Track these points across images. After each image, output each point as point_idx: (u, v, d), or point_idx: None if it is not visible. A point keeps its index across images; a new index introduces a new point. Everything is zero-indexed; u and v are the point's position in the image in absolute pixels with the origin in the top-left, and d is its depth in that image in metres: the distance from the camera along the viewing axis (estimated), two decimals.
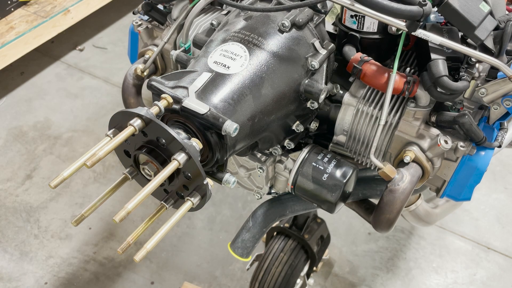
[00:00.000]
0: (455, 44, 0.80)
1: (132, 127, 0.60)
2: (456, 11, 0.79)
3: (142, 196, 0.57)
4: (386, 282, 1.90)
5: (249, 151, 0.89)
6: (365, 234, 2.04)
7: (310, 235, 1.52)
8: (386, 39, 0.93)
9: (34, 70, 2.83)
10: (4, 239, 2.02)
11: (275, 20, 0.84)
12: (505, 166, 2.31)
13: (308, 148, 0.92)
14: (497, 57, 0.85)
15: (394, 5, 0.74)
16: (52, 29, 2.60)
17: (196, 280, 1.90)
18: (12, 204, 2.14)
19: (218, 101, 0.72)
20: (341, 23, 0.94)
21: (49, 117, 2.54)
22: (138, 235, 0.62)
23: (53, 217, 2.09)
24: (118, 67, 2.85)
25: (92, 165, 0.57)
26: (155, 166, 0.66)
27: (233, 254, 1.19)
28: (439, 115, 0.89)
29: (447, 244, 2.02)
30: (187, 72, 0.76)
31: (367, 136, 0.92)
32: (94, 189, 2.20)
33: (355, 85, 0.93)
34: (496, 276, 1.92)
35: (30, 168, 2.29)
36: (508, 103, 0.86)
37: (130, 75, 1.13)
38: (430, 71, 0.82)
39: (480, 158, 0.91)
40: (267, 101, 0.78)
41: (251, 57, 0.78)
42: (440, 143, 0.87)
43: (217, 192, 2.20)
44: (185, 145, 0.61)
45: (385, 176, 0.87)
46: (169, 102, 0.67)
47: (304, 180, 0.90)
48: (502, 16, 0.90)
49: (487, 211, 2.14)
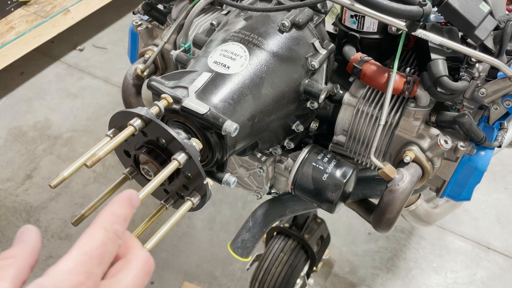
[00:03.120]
0: (455, 44, 0.80)
1: (132, 127, 0.60)
2: (456, 11, 0.79)
3: (142, 196, 0.57)
4: (386, 282, 1.90)
5: (249, 151, 0.89)
6: (365, 234, 2.04)
7: (310, 235, 1.52)
8: (386, 39, 0.93)
9: (34, 70, 2.83)
10: (4, 239, 2.02)
11: (275, 20, 0.84)
12: (505, 166, 2.31)
13: (308, 148, 0.92)
14: (497, 57, 0.85)
15: (394, 5, 0.74)
16: (52, 29, 2.60)
17: (196, 280, 1.90)
18: (12, 204, 2.14)
19: (218, 101, 0.72)
20: (341, 23, 0.94)
21: (49, 117, 2.54)
22: (138, 235, 0.61)
23: (53, 217, 2.09)
24: (118, 67, 2.85)
25: (92, 165, 0.57)
26: (155, 166, 0.66)
27: (233, 254, 1.20)
28: (439, 115, 0.89)
29: (447, 244, 2.02)
30: (187, 72, 0.76)
31: (367, 136, 0.92)
32: (94, 189, 2.20)
33: (355, 85, 0.93)
34: (496, 276, 1.92)
35: (30, 168, 2.29)
36: (508, 103, 0.86)
37: (130, 75, 1.13)
38: (430, 71, 0.82)
39: (480, 158, 0.91)
40: (267, 101, 0.78)
41: (251, 57, 0.78)
42: (440, 143, 0.87)
43: (217, 192, 2.20)
44: (185, 145, 0.61)
45: (385, 176, 0.87)
46: (169, 102, 0.67)
47: (304, 180, 0.90)
48: (502, 16, 0.89)
49: (487, 211, 2.14)
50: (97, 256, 0.39)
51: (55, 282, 0.37)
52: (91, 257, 0.39)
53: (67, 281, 0.37)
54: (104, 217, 0.43)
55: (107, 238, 0.41)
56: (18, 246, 0.42)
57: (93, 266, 0.39)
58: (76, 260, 0.38)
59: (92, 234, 0.41)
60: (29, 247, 0.42)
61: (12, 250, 0.41)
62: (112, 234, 0.42)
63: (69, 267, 0.38)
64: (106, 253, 0.40)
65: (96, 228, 0.41)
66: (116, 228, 0.42)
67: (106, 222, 0.42)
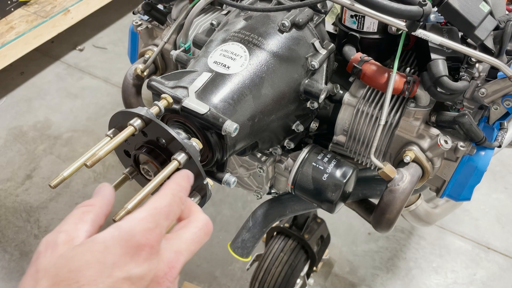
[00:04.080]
0: (455, 44, 0.80)
1: (132, 127, 0.60)
2: (456, 11, 0.79)
3: (142, 196, 0.57)
4: (386, 282, 1.90)
5: (249, 151, 0.89)
6: (365, 234, 2.04)
7: (310, 235, 1.52)
8: (386, 39, 0.93)
9: (34, 70, 2.83)
10: (4, 239, 2.02)
11: (275, 20, 0.84)
12: (505, 166, 2.31)
13: (308, 148, 0.92)
14: (497, 57, 0.85)
15: (394, 5, 0.74)
16: (52, 29, 2.60)
17: (196, 280, 1.90)
18: (12, 204, 2.14)
19: (218, 101, 0.72)
20: (341, 23, 0.94)
21: (49, 117, 2.54)
22: None
23: (53, 217, 2.09)
24: (118, 67, 2.85)
25: (92, 165, 0.57)
26: (155, 166, 0.66)
27: (233, 254, 1.20)
28: (439, 115, 0.89)
29: (447, 244, 2.02)
30: (187, 72, 0.76)
31: (367, 136, 0.92)
32: (94, 189, 2.19)
33: (355, 85, 0.93)
34: (496, 276, 1.92)
35: (30, 168, 2.29)
36: (508, 103, 0.86)
37: (130, 75, 1.13)
38: (430, 71, 0.82)
39: (480, 158, 0.91)
40: (267, 101, 0.78)
41: (251, 57, 0.78)
42: (440, 143, 0.87)
43: (217, 192, 2.20)
44: (185, 145, 0.61)
45: (385, 176, 0.87)
46: (169, 102, 0.67)
47: (304, 180, 0.90)
48: (502, 16, 0.90)
49: (487, 211, 2.14)
50: (165, 212, 0.49)
51: (130, 225, 0.46)
52: (160, 212, 0.48)
53: (139, 225, 0.46)
54: (172, 185, 0.53)
55: (173, 201, 0.50)
56: (96, 197, 0.52)
57: (161, 219, 0.48)
58: (147, 212, 0.48)
59: (161, 196, 0.50)
60: (105, 199, 0.52)
61: (91, 200, 0.51)
62: (177, 198, 0.51)
63: (142, 216, 0.47)
64: (171, 212, 0.50)
65: (166, 192, 0.51)
66: (180, 195, 0.52)
67: (174, 190, 0.52)
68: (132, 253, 0.44)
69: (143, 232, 0.46)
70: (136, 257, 0.44)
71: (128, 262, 0.43)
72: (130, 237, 0.45)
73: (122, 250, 0.44)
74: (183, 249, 0.50)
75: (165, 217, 0.49)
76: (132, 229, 0.45)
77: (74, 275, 0.41)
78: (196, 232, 0.52)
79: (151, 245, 0.45)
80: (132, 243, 0.44)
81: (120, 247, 0.44)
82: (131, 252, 0.44)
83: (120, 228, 0.45)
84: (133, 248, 0.44)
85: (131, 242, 0.44)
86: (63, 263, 0.43)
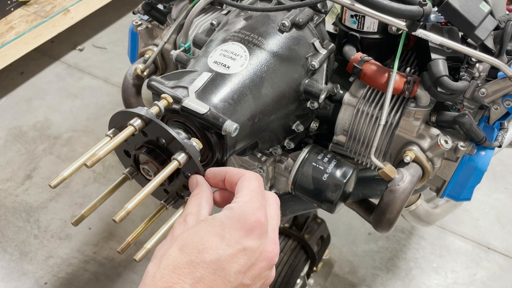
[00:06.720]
0: (455, 44, 0.80)
1: (132, 127, 0.60)
2: (456, 11, 0.79)
3: (142, 196, 0.57)
4: (386, 282, 1.90)
5: (249, 151, 0.89)
6: (365, 234, 2.04)
7: (310, 235, 1.52)
8: (386, 39, 0.93)
9: (34, 70, 2.83)
10: (4, 239, 2.01)
11: (275, 20, 0.84)
12: (505, 166, 2.31)
13: (308, 148, 0.92)
14: (497, 57, 0.85)
15: (394, 5, 0.74)
16: (52, 29, 2.60)
17: None
18: (12, 204, 2.14)
19: (218, 101, 0.72)
20: (341, 23, 0.94)
21: (49, 117, 2.54)
22: (138, 235, 0.61)
23: (53, 217, 2.09)
24: (118, 67, 2.85)
25: (92, 165, 0.57)
26: (155, 166, 0.65)
27: None
28: (439, 115, 0.89)
29: (447, 244, 2.02)
30: (187, 72, 0.76)
31: (367, 136, 0.92)
32: (94, 189, 2.20)
33: (355, 85, 0.93)
34: (496, 276, 1.92)
35: (30, 168, 2.29)
36: (508, 103, 0.86)
37: (130, 75, 1.13)
38: (430, 71, 0.82)
39: (480, 158, 0.91)
40: (267, 101, 0.78)
41: (251, 57, 0.78)
42: (440, 143, 0.87)
43: None
44: (185, 145, 0.61)
45: (385, 176, 0.87)
46: (169, 102, 0.67)
47: (304, 180, 0.90)
48: (502, 16, 0.89)
49: (487, 211, 2.14)
50: (260, 192, 0.59)
51: (239, 206, 0.56)
52: (258, 193, 0.58)
53: (249, 207, 0.56)
54: (248, 173, 0.61)
55: (260, 181, 0.60)
56: (196, 189, 0.61)
57: (261, 198, 0.58)
58: (249, 195, 0.57)
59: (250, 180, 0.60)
60: (204, 184, 0.62)
61: (195, 190, 0.61)
62: (260, 179, 0.61)
63: (247, 199, 0.57)
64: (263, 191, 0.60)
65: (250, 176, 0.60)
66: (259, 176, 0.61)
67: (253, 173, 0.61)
68: (246, 229, 0.54)
69: (253, 211, 0.55)
70: (250, 233, 0.54)
71: (243, 237, 0.53)
72: (242, 216, 0.54)
73: (237, 226, 0.54)
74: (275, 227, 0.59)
75: (262, 196, 0.59)
76: (242, 210, 0.55)
77: (199, 239, 0.52)
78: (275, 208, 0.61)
79: (262, 222, 0.55)
80: (246, 221, 0.54)
81: (234, 223, 0.54)
82: (245, 228, 0.54)
83: (232, 209, 0.56)
84: (247, 224, 0.54)
85: (244, 220, 0.54)
86: (191, 231, 0.54)
